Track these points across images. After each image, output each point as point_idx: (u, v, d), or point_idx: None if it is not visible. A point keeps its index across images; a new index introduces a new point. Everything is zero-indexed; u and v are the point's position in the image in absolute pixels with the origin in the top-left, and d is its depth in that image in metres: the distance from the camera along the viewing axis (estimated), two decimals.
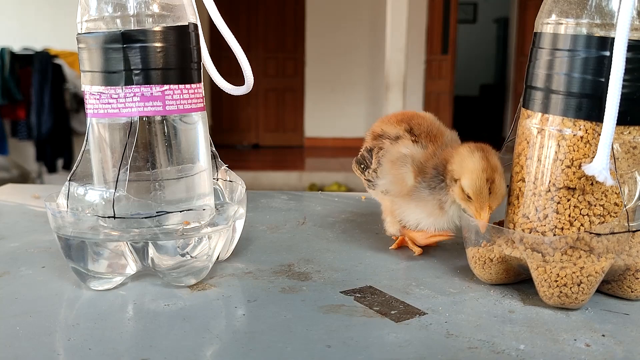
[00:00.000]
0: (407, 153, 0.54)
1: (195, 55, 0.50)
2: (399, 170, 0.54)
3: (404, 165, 0.53)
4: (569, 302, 0.45)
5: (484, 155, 0.49)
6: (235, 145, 6.10)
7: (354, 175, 0.61)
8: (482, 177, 0.48)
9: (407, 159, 0.53)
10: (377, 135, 0.58)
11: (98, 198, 0.49)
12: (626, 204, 0.45)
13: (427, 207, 0.53)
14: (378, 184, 0.56)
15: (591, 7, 0.44)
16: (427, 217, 0.54)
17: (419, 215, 0.54)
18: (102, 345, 0.39)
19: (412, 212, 0.55)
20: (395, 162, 0.54)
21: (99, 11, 0.47)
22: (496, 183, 0.49)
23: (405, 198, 0.54)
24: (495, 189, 0.49)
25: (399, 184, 0.54)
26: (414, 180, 0.53)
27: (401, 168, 0.53)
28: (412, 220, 0.55)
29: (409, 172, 0.53)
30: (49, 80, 3.98)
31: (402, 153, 0.54)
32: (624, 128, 0.44)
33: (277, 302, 0.46)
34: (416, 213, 0.54)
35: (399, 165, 0.54)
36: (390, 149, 0.55)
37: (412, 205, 0.54)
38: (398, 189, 0.54)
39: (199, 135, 0.51)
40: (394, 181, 0.54)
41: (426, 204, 0.53)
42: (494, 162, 0.49)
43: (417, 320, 0.43)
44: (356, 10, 5.85)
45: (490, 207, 0.49)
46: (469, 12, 7.71)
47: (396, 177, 0.54)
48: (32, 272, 0.53)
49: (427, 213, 0.54)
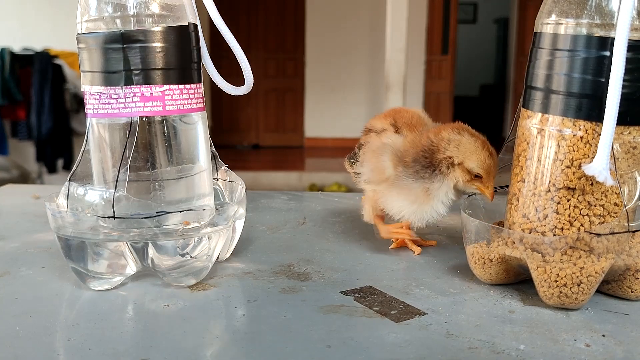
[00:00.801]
0: (388, 142, 0.55)
1: (195, 55, 0.50)
2: (378, 159, 0.55)
3: (382, 154, 0.55)
4: (569, 302, 0.45)
5: (472, 133, 0.53)
6: (235, 145, 6.10)
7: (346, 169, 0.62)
8: (485, 153, 0.52)
9: (387, 148, 0.55)
10: (367, 130, 0.60)
11: (98, 198, 0.49)
12: (626, 204, 0.45)
13: (410, 195, 0.54)
14: (360, 173, 0.58)
15: (591, 7, 0.44)
16: (410, 204, 0.55)
17: (402, 203, 0.55)
18: (102, 346, 0.39)
19: (394, 200, 0.55)
20: (375, 152, 0.56)
21: (98, 11, 0.47)
22: (494, 154, 0.52)
23: (387, 186, 0.55)
24: (496, 159, 0.52)
25: (378, 172, 0.55)
26: (393, 169, 0.54)
27: (380, 157, 0.55)
28: (395, 208, 0.56)
29: (388, 160, 0.54)
30: (49, 80, 3.98)
31: (383, 142, 0.56)
32: (624, 128, 0.44)
33: (277, 302, 0.46)
34: (399, 201, 0.55)
35: (378, 154, 0.55)
36: (374, 140, 0.57)
37: (394, 193, 0.55)
38: (377, 177, 0.56)
39: (199, 136, 0.51)
40: (373, 169, 0.56)
41: (410, 191, 0.54)
42: (482, 136, 0.53)
43: (417, 320, 0.43)
44: (356, 11, 5.84)
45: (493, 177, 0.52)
46: (469, 12, 7.71)
47: (375, 165, 0.55)
48: (32, 272, 0.53)
49: (410, 201, 0.54)
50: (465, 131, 0.53)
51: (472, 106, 7.13)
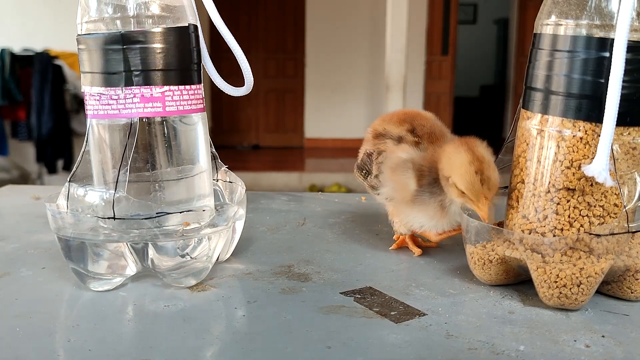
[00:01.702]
0: (407, 158, 0.53)
1: (195, 56, 0.50)
2: (401, 177, 0.53)
3: (405, 171, 0.53)
4: (568, 303, 0.45)
5: (469, 149, 0.49)
6: (235, 146, 6.10)
7: (354, 176, 0.61)
8: (470, 170, 0.48)
9: (408, 164, 0.53)
10: (379, 134, 0.57)
11: (98, 199, 0.49)
12: (626, 205, 0.45)
13: (429, 210, 0.53)
14: (381, 192, 0.56)
15: (591, 8, 0.44)
16: (429, 220, 0.54)
17: (422, 219, 0.54)
18: (102, 346, 0.39)
19: (415, 216, 0.55)
20: (395, 169, 0.54)
21: (99, 12, 0.47)
22: (486, 173, 0.48)
23: (408, 204, 0.54)
24: (486, 180, 0.49)
25: (402, 191, 0.54)
26: (416, 185, 0.53)
27: (402, 174, 0.53)
28: (416, 224, 0.55)
29: (411, 177, 0.53)
30: (49, 81, 3.98)
31: (402, 159, 0.54)
32: (623, 129, 0.44)
33: (277, 303, 0.46)
34: (419, 217, 0.54)
35: (399, 172, 0.53)
36: (390, 154, 0.55)
37: (415, 210, 0.54)
38: (401, 196, 0.54)
39: (199, 136, 0.51)
40: (397, 188, 0.54)
41: (427, 207, 0.53)
42: (480, 154, 0.49)
43: (417, 321, 0.43)
44: (356, 11, 5.85)
45: (486, 198, 0.49)
46: (469, 12, 7.71)
47: (398, 184, 0.54)
48: (32, 273, 0.53)
49: (429, 216, 0.54)
50: (465, 145, 0.50)
51: (472, 107, 7.13)
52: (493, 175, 0.49)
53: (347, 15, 5.86)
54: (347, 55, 5.93)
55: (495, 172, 0.49)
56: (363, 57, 5.93)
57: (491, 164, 0.49)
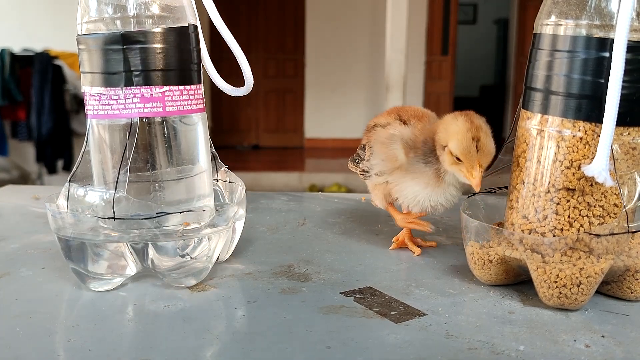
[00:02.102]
0: (396, 132, 0.55)
1: (195, 56, 0.50)
2: (389, 148, 0.55)
3: (393, 142, 0.55)
4: (568, 303, 0.45)
5: (467, 118, 0.51)
6: (235, 146, 6.10)
7: (354, 176, 0.62)
8: (468, 136, 0.49)
9: (396, 137, 0.55)
10: (370, 128, 0.60)
11: (98, 199, 0.49)
12: (626, 205, 0.45)
13: (423, 179, 0.54)
14: (372, 166, 0.57)
15: (590, 8, 0.44)
16: (424, 188, 0.55)
17: (416, 188, 0.55)
18: (102, 346, 0.39)
19: (408, 185, 0.55)
20: (384, 142, 0.56)
21: (99, 12, 0.47)
22: (482, 141, 0.50)
23: (401, 174, 0.55)
24: (482, 147, 0.50)
25: (390, 161, 0.55)
26: (405, 156, 0.54)
27: (391, 145, 0.55)
28: (410, 194, 0.56)
29: (399, 148, 0.55)
30: (49, 81, 3.98)
31: (391, 133, 0.56)
32: (623, 129, 0.44)
33: (277, 303, 0.46)
34: (412, 186, 0.55)
35: (388, 143, 0.55)
36: (380, 132, 0.57)
37: (408, 179, 0.55)
38: (390, 166, 0.56)
39: (199, 136, 0.51)
40: (385, 159, 0.56)
41: (422, 175, 0.54)
42: (478, 123, 0.50)
43: (416, 321, 0.43)
44: (356, 11, 5.84)
45: (480, 165, 0.50)
46: (469, 13, 7.71)
47: (387, 155, 0.56)
48: (32, 273, 0.53)
49: (424, 184, 0.55)
50: (463, 116, 0.51)
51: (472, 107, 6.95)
52: (489, 143, 0.50)
53: (347, 16, 5.86)
54: (347, 55, 5.93)
55: (491, 141, 0.50)
56: (363, 57, 5.93)
57: (488, 133, 0.51)
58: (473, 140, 0.49)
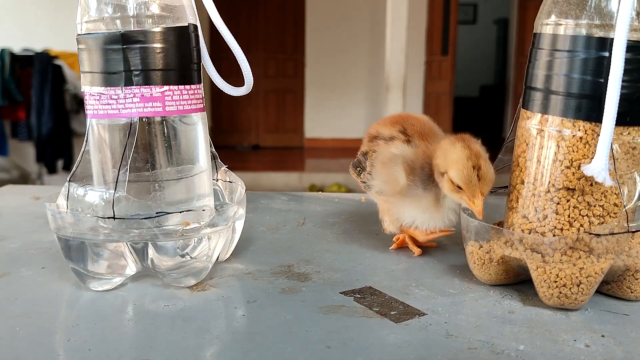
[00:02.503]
0: (398, 153, 0.55)
1: (195, 56, 0.50)
2: (391, 170, 0.55)
3: (395, 165, 0.54)
4: (568, 303, 0.45)
5: (466, 145, 0.50)
6: (235, 146, 6.10)
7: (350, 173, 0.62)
8: (468, 165, 0.49)
9: (398, 159, 0.54)
10: (373, 137, 0.59)
11: (98, 199, 0.49)
12: (625, 205, 0.45)
13: (421, 204, 0.54)
14: (372, 185, 0.57)
15: (590, 8, 0.44)
16: (422, 214, 0.55)
17: (414, 212, 0.55)
18: (102, 346, 0.39)
19: (406, 209, 0.55)
20: (386, 163, 0.55)
21: (98, 12, 0.47)
22: (483, 169, 0.49)
23: (400, 197, 0.55)
24: (483, 175, 0.49)
25: (391, 184, 0.55)
26: (406, 179, 0.54)
27: (392, 168, 0.54)
28: (408, 217, 0.56)
29: (400, 171, 0.54)
30: (49, 81, 3.98)
31: (393, 153, 0.55)
32: (623, 129, 0.44)
33: (277, 302, 0.46)
34: (411, 210, 0.55)
35: (390, 165, 0.55)
36: (382, 150, 0.56)
37: (407, 203, 0.55)
38: (391, 189, 0.55)
39: (199, 136, 0.51)
40: (387, 181, 0.55)
41: (420, 200, 0.54)
42: (477, 149, 0.50)
43: (416, 320, 0.43)
44: (356, 11, 5.85)
45: (482, 194, 0.49)
46: (469, 12, 7.71)
47: (388, 177, 0.55)
48: (32, 272, 0.53)
49: (422, 209, 0.54)
50: (461, 141, 0.51)
51: (472, 107, 7.13)
52: (490, 171, 0.50)
53: (347, 16, 5.86)
54: (347, 55, 5.93)
55: (491, 169, 0.50)
56: (363, 57, 5.93)
57: (487, 161, 0.50)
58: (474, 169, 0.49)
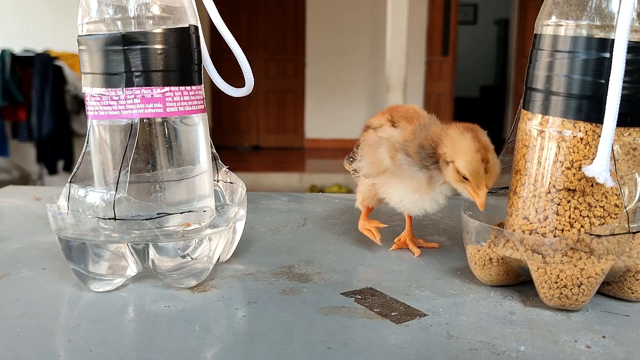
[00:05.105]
0: (384, 136, 0.56)
1: (195, 57, 0.50)
2: (375, 152, 0.56)
3: (379, 147, 0.55)
4: (569, 304, 0.45)
5: (475, 136, 0.50)
6: (236, 146, 6.10)
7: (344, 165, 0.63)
8: (477, 157, 0.49)
9: (383, 141, 0.55)
10: (366, 128, 0.60)
11: (99, 200, 0.49)
12: (626, 206, 0.45)
13: (413, 184, 0.54)
14: (360, 168, 0.58)
15: (591, 9, 0.44)
16: (411, 193, 0.54)
17: (403, 192, 0.55)
18: (103, 347, 0.39)
19: (395, 188, 0.55)
20: (371, 146, 0.56)
21: (99, 13, 0.47)
22: (491, 162, 0.49)
23: (387, 176, 0.56)
24: (491, 168, 0.50)
25: (376, 165, 0.56)
26: (390, 161, 0.55)
27: (377, 150, 0.55)
28: (396, 197, 0.56)
29: (385, 153, 0.55)
30: (49, 81, 3.98)
31: (379, 137, 0.56)
32: (624, 129, 0.44)
33: (278, 303, 0.47)
34: (399, 190, 0.55)
35: (374, 147, 0.56)
36: (370, 136, 0.58)
37: (396, 182, 0.55)
38: (375, 170, 0.56)
39: (200, 137, 0.51)
40: (371, 162, 0.56)
41: (412, 180, 0.54)
42: (485, 141, 0.50)
43: (417, 321, 0.43)
44: (356, 12, 5.85)
45: (486, 186, 0.50)
46: (469, 13, 7.71)
47: (373, 159, 0.56)
48: (33, 273, 0.53)
49: (412, 189, 0.54)
50: (470, 132, 0.51)
51: (473, 107, 7.13)
52: (497, 164, 0.50)
53: (347, 16, 5.86)
54: (347, 56, 5.93)
55: (498, 162, 0.50)
56: (363, 57, 5.93)
57: (494, 153, 0.51)
58: (482, 161, 0.49)
